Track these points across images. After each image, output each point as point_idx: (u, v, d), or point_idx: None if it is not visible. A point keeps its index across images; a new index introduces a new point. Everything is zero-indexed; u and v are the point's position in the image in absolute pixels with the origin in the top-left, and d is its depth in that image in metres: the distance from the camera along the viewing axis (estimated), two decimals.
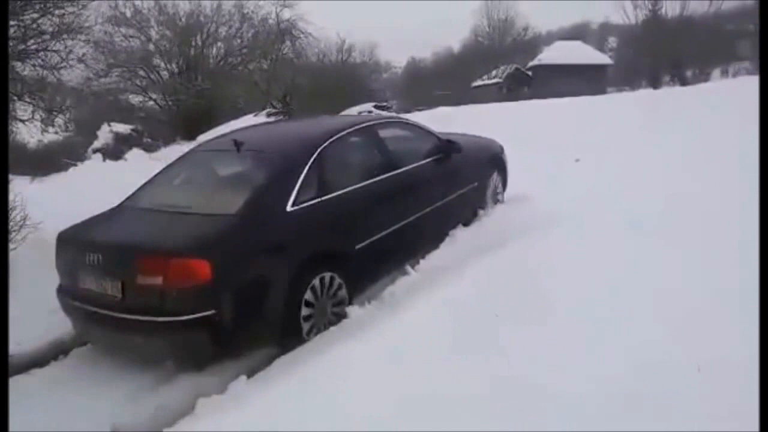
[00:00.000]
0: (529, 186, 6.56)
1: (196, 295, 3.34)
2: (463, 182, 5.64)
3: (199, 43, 22.19)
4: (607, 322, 3.14)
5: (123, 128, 17.01)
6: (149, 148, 15.36)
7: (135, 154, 14.20)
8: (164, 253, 3.41)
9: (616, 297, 3.42)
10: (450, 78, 44.11)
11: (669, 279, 3.65)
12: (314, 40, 25.93)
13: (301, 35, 24.39)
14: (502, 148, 6.60)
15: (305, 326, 3.78)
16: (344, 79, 29.99)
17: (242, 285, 3.54)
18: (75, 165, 11.25)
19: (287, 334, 3.69)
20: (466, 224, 5.58)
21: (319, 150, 4.22)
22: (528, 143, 8.35)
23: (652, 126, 11.12)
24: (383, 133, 5.03)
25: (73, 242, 3.93)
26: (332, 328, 3.80)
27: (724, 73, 41.20)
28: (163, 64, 22.25)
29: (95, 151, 15.24)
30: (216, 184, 4.55)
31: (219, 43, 23.17)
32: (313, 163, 4.11)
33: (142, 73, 22.17)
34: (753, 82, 21.14)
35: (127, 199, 4.46)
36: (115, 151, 14.56)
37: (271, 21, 23.56)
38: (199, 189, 4.49)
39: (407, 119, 5.92)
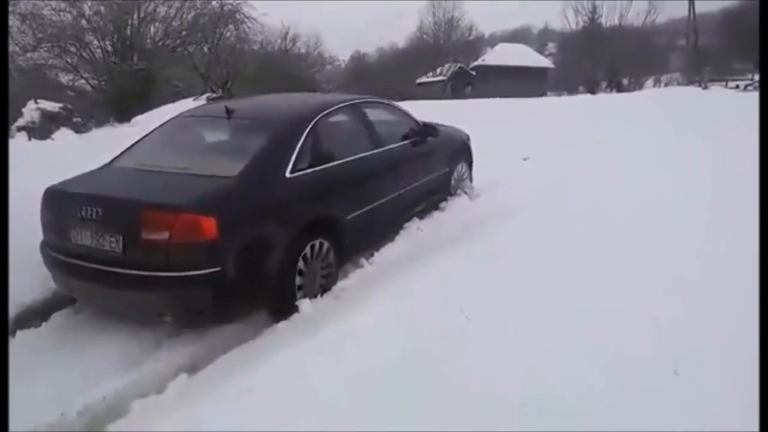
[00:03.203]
0: (482, 181, 6.58)
1: (202, 252, 3.32)
2: (438, 166, 5.85)
3: (136, 21, 21.17)
4: (572, 321, 3.03)
5: (51, 106, 15.90)
6: (79, 129, 14.49)
7: (64, 134, 13.37)
8: (172, 208, 3.37)
9: (573, 291, 3.35)
10: (394, 74, 44.07)
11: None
12: (258, 26, 25.16)
13: (245, 20, 23.61)
14: (468, 137, 6.76)
15: (299, 291, 3.82)
16: (287, 68, 29.44)
17: (246, 245, 3.55)
18: None
19: (283, 298, 3.73)
20: (422, 216, 5.47)
21: (315, 120, 4.33)
22: (476, 140, 8.30)
23: (591, 127, 11.55)
24: (370, 111, 5.20)
25: (66, 196, 3.78)
26: (282, 323, 3.55)
27: (657, 82, 43.08)
28: (96, 42, 21.11)
29: (20, 129, 14.20)
30: (211, 148, 4.55)
31: (157, 23, 22.18)
32: (309, 132, 4.21)
33: (73, 49, 20.95)
34: (680, 90, 22.41)
35: (116, 159, 4.39)
36: (41, 130, 13.62)
37: (214, 3, 22.73)
38: (194, 152, 4.44)
39: (390, 101, 5.99)
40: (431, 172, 5.67)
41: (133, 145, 4.57)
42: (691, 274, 3.63)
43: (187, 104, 14.20)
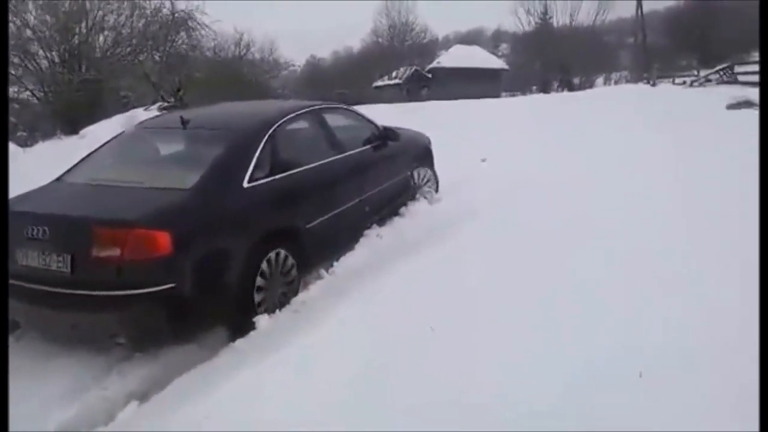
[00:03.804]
0: (441, 184, 6.53)
1: (156, 268, 3.22)
2: (399, 170, 5.82)
3: (84, 31, 20.54)
4: (539, 329, 2.98)
5: None
6: (24, 143, 13.97)
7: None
8: (124, 223, 3.26)
9: (535, 295, 3.30)
10: (351, 78, 44.02)
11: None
12: (211, 33, 24.71)
13: (198, 27, 23.17)
14: (429, 141, 6.72)
15: (259, 305, 3.71)
16: (242, 74, 29.02)
17: (202, 259, 3.46)
18: None
19: (242, 312, 3.60)
20: (381, 222, 5.38)
21: (273, 128, 4.26)
22: (434, 143, 8.29)
23: (546, 126, 11.69)
24: (329, 117, 5.14)
25: (10, 216, 3.57)
26: (240, 341, 3.41)
27: (607, 81, 44.09)
28: (42, 52, 20.41)
29: None
30: (167, 160, 4.46)
31: (106, 32, 21.58)
32: (267, 140, 4.14)
33: (16, 60, 20.21)
34: (630, 88, 22.96)
35: (65, 174, 4.25)
36: None
37: (165, 11, 22.24)
38: (148, 165, 4.32)
39: (350, 107, 6.01)
40: (393, 176, 5.63)
41: (84, 159, 4.44)
42: (659, 273, 3.62)
43: (138, 114, 13.83)
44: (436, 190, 6.41)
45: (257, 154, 3.99)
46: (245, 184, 3.83)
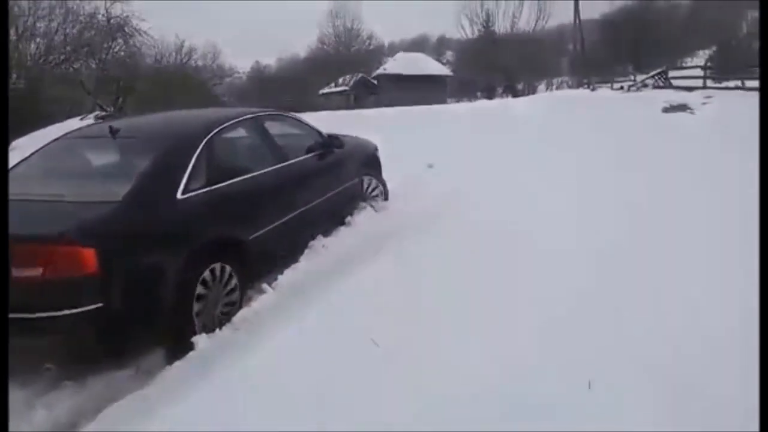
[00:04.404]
0: (390, 189, 6.46)
1: (81, 287, 3.01)
2: (345, 178, 5.67)
3: (14, 38, 19.67)
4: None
5: None
6: None
7: None
8: (43, 240, 3.03)
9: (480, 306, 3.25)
10: (297, 84, 43.65)
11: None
12: (150, 39, 24.10)
13: (135, 33, 22.55)
14: (376, 148, 6.61)
15: (198, 322, 3.52)
16: (184, 82, 28.32)
17: (131, 276, 3.24)
18: None
19: (179, 330, 3.41)
20: (327, 233, 5.24)
21: (208, 137, 4.07)
22: (381, 149, 8.25)
23: (490, 132, 11.77)
24: (270, 125, 4.97)
25: None
26: (176, 364, 3.21)
27: (549, 86, 45.13)
28: None
29: None
30: (94, 171, 4.20)
31: (38, 39, 20.78)
32: (202, 149, 3.95)
33: None
34: (571, 93, 23.55)
35: None
36: None
37: (100, 17, 21.55)
38: (74, 177, 4.06)
39: (291, 114, 5.84)
40: (339, 185, 5.48)
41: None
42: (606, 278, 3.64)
43: (73, 124, 13.28)
44: (385, 198, 6.32)
45: (192, 163, 3.80)
46: (179, 195, 3.63)
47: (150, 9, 22.31)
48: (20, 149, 11.22)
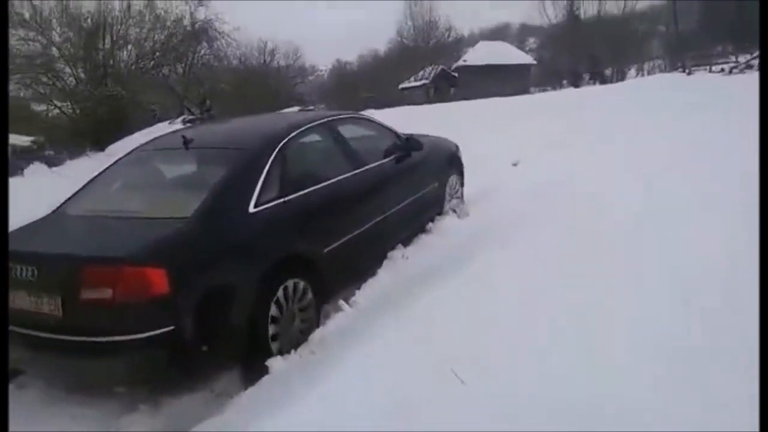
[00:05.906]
0: (471, 193, 6.17)
1: (152, 310, 2.90)
2: (425, 182, 5.42)
3: (107, 45, 20.71)
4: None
5: (21, 140, 15.44)
6: (52, 162, 14.01)
7: (35, 169, 12.94)
8: (113, 261, 2.95)
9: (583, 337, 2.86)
10: (377, 80, 43.79)
11: None
12: (234, 42, 24.76)
13: (218, 36, 23.20)
14: (457, 147, 6.34)
15: (274, 343, 3.37)
16: (268, 82, 28.97)
17: (203, 297, 3.10)
18: None
19: (254, 351, 3.28)
20: (407, 241, 5.01)
21: (280, 145, 3.91)
22: (462, 146, 7.90)
23: (581, 125, 10.95)
24: (344, 129, 4.75)
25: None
26: (250, 390, 3.08)
27: (640, 71, 42.88)
28: (68, 69, 20.63)
29: None
30: (167, 185, 4.15)
31: (129, 46, 21.77)
32: (275, 159, 3.79)
33: (45, 79, 20.46)
34: (665, 78, 21.97)
35: (62, 205, 3.98)
36: (12, 167, 13.19)
37: (185, 22, 22.32)
38: (147, 191, 4.05)
39: (366, 115, 5.66)
40: (418, 190, 5.22)
41: (83, 187, 4.14)
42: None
43: (161, 128, 13.76)
44: (460, 203, 6.00)
45: (264, 174, 3.65)
46: (251, 209, 3.49)
47: (232, 11, 22.89)
48: (113, 155, 11.74)
